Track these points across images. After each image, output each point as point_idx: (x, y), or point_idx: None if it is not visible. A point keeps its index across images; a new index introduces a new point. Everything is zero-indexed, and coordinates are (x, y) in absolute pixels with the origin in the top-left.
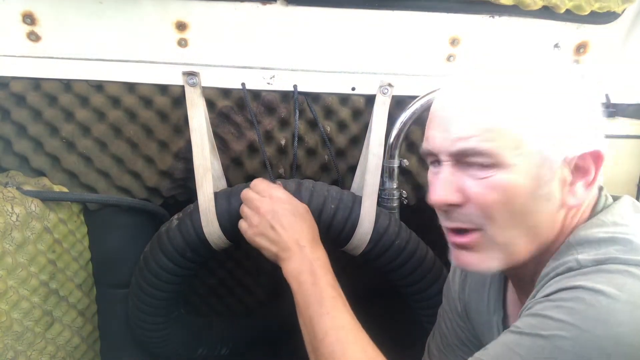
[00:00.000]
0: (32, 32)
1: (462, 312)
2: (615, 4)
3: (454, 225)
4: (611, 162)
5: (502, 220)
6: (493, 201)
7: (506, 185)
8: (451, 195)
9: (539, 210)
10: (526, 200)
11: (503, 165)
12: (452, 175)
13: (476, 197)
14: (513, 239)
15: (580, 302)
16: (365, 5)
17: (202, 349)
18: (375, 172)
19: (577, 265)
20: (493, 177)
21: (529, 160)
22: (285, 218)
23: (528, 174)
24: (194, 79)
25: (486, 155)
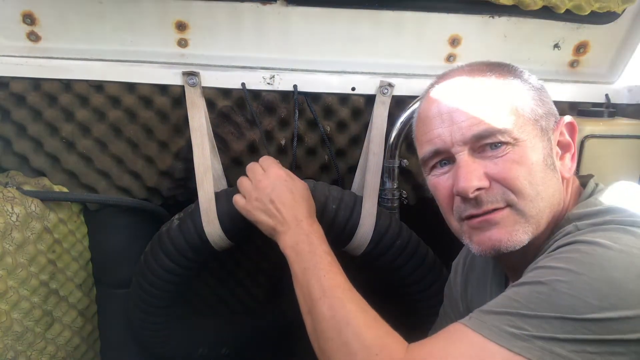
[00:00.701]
0: (32, 32)
1: (463, 311)
2: (615, 4)
3: (484, 209)
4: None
5: (529, 192)
6: (517, 174)
7: (523, 157)
8: (479, 179)
9: (551, 179)
10: (542, 170)
11: (514, 141)
12: (473, 162)
13: (501, 174)
14: (541, 209)
15: (577, 252)
16: (365, 5)
17: (202, 349)
18: (375, 172)
19: (575, 229)
20: (510, 153)
21: (533, 134)
22: (284, 194)
23: (535, 146)
24: (194, 79)
25: (499, 132)
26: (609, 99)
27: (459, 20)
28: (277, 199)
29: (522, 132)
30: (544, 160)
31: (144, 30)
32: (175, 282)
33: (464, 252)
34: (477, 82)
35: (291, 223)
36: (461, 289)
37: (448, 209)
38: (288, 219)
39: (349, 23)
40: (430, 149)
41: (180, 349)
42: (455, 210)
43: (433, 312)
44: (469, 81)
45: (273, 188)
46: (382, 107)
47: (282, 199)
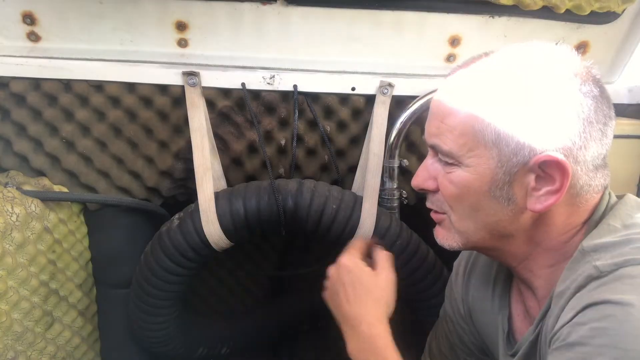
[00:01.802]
0: (32, 32)
1: (465, 313)
2: (615, 4)
3: (430, 207)
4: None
5: (459, 211)
6: (451, 194)
7: (461, 182)
8: (426, 182)
9: (495, 209)
10: (480, 199)
11: (459, 164)
12: (431, 165)
13: (441, 188)
14: (469, 229)
15: (613, 320)
16: (365, 5)
17: (202, 349)
18: (375, 172)
19: (597, 272)
20: (453, 173)
21: (484, 163)
22: (348, 287)
23: (482, 175)
24: (194, 79)
25: (445, 153)
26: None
27: (459, 20)
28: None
29: (470, 158)
30: (490, 191)
31: (144, 30)
32: (175, 282)
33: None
34: (451, 96)
35: (350, 321)
36: (462, 291)
37: None
38: (347, 316)
39: (349, 23)
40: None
41: (180, 349)
42: None
43: (433, 313)
44: (447, 92)
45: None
46: (382, 107)
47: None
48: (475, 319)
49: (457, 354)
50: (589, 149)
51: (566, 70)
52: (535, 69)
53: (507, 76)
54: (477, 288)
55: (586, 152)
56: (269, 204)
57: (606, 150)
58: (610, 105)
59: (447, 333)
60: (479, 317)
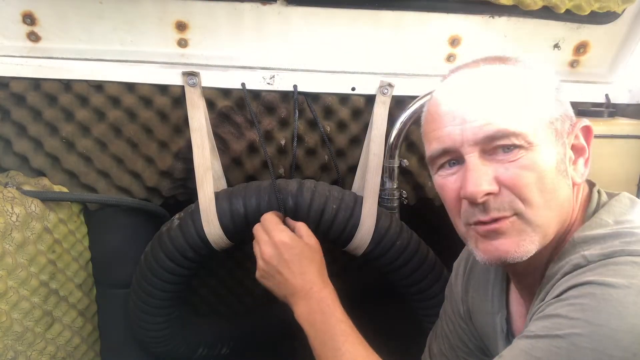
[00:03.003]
0: (32, 32)
1: (464, 314)
2: (615, 4)
3: (491, 217)
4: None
5: (538, 200)
6: (528, 181)
7: (536, 163)
8: (489, 184)
9: (562, 187)
10: (554, 177)
11: (527, 145)
12: (483, 165)
13: (511, 181)
14: (549, 219)
15: (591, 298)
16: (365, 5)
17: (202, 349)
18: (375, 172)
19: (585, 262)
20: (523, 158)
21: (547, 138)
22: (290, 262)
23: (549, 151)
24: (194, 79)
25: (513, 135)
26: (609, 99)
27: (459, 20)
28: (283, 268)
29: (537, 136)
30: (557, 167)
31: (144, 30)
32: (175, 282)
33: (465, 253)
34: (494, 76)
35: (300, 292)
36: (462, 291)
37: (455, 212)
38: (297, 288)
39: (349, 23)
40: (438, 147)
41: (180, 349)
42: (462, 214)
43: (433, 313)
44: (484, 75)
45: (278, 258)
46: (382, 107)
47: (288, 267)
48: (474, 319)
49: (457, 354)
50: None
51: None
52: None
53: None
54: (476, 289)
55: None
56: (270, 204)
57: None
58: None
59: (448, 333)
60: (478, 318)
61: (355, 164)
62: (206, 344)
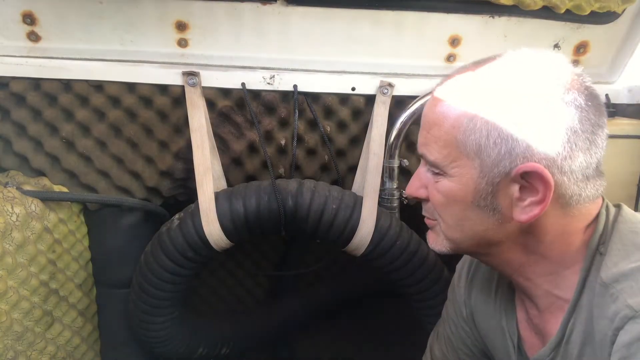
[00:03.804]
0: (32, 32)
1: (467, 316)
2: (615, 4)
3: (424, 214)
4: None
5: (447, 219)
6: (439, 203)
7: (447, 191)
8: (417, 190)
9: (481, 219)
10: (465, 208)
11: (444, 174)
12: (423, 174)
13: (430, 197)
14: (457, 237)
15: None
16: (365, 5)
17: (202, 349)
18: (375, 172)
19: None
20: (439, 183)
21: (467, 173)
22: None
23: (466, 186)
24: (194, 79)
25: (431, 163)
26: (609, 99)
27: (459, 20)
28: None
29: (454, 168)
30: (474, 201)
31: (144, 30)
32: (175, 282)
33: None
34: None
35: None
36: (465, 293)
37: None
38: None
39: (349, 23)
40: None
41: (180, 348)
42: None
43: (434, 313)
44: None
45: None
46: (382, 107)
47: None
48: (477, 322)
49: (459, 355)
50: (575, 159)
51: (549, 80)
52: (516, 81)
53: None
54: (479, 292)
55: (572, 162)
56: (269, 204)
57: (597, 160)
58: (601, 113)
59: (450, 335)
60: (481, 320)
61: (355, 164)
62: (206, 344)
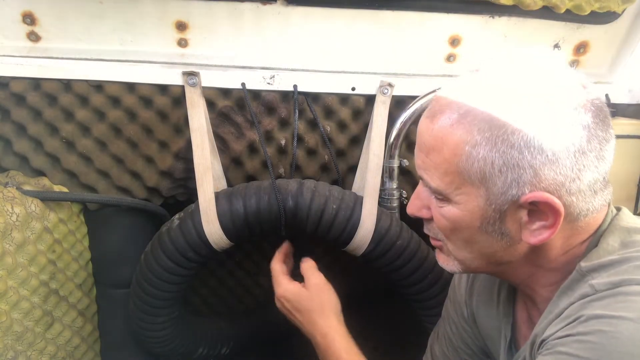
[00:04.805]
0: (32, 32)
1: (468, 317)
2: (615, 4)
3: (427, 233)
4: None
5: (454, 242)
6: (445, 227)
7: (452, 217)
8: (420, 210)
9: (490, 242)
10: (473, 233)
11: (448, 200)
12: (423, 193)
13: (435, 220)
14: (466, 258)
15: (602, 335)
16: (365, 5)
17: (202, 349)
18: (376, 172)
19: (592, 291)
20: (443, 208)
21: (472, 201)
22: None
23: (472, 212)
24: (194, 79)
25: (433, 190)
26: (609, 99)
27: (459, 20)
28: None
29: (459, 195)
30: (481, 227)
31: (144, 30)
32: (175, 282)
33: None
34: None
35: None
36: (466, 294)
37: None
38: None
39: (349, 23)
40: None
41: (180, 349)
42: None
43: (434, 313)
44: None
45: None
46: (382, 107)
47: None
48: (479, 322)
49: (460, 355)
50: (584, 179)
51: (554, 102)
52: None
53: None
54: (481, 292)
55: (580, 183)
56: (270, 204)
57: (605, 172)
58: (607, 126)
59: (450, 335)
60: (482, 321)
61: (355, 164)
62: (206, 344)
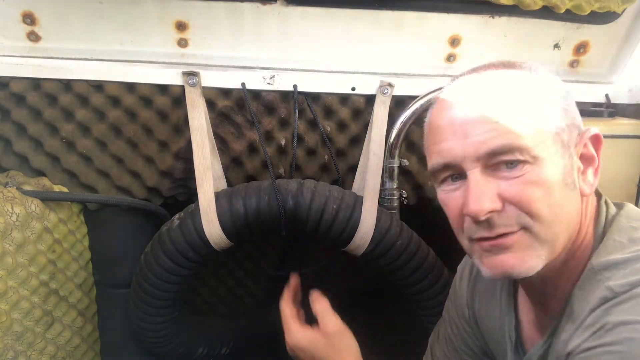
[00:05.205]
0: (32, 32)
1: (470, 318)
2: (615, 4)
3: (497, 232)
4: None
5: (546, 215)
6: (534, 197)
7: (543, 178)
8: (492, 201)
9: (571, 200)
10: (561, 190)
11: (533, 160)
12: (485, 182)
13: (517, 197)
14: (557, 233)
15: (631, 343)
16: (365, 5)
17: (202, 349)
18: (376, 172)
19: (611, 294)
20: (528, 173)
21: (554, 152)
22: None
23: (556, 165)
24: (194, 79)
25: (517, 150)
26: (609, 99)
27: (459, 20)
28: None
29: (543, 149)
30: (564, 180)
31: (143, 30)
32: (175, 281)
33: None
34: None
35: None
36: (468, 296)
37: (458, 228)
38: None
39: (349, 23)
40: (439, 161)
41: (180, 348)
42: (465, 230)
43: (434, 313)
44: (487, 84)
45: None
46: (382, 107)
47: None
48: (480, 323)
49: (461, 356)
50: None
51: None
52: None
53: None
54: (483, 293)
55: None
56: (270, 204)
57: None
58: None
59: (451, 336)
60: (484, 322)
61: (355, 164)
62: (206, 344)
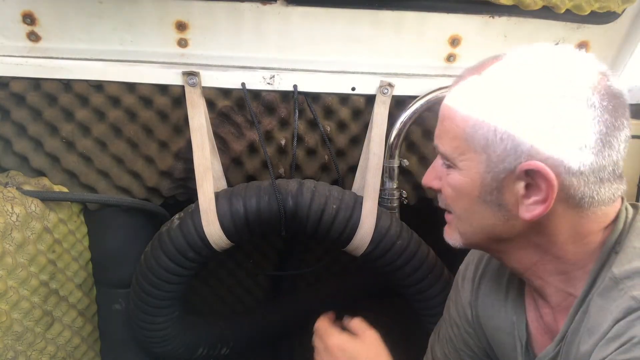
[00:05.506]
0: (32, 32)
1: (472, 318)
2: (615, 4)
3: (440, 206)
4: None
5: (457, 212)
6: (448, 195)
7: (456, 184)
8: (432, 181)
9: (488, 214)
10: (472, 202)
11: (455, 166)
12: (439, 166)
13: (442, 188)
14: (467, 230)
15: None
16: (365, 5)
17: (202, 349)
18: (376, 172)
19: (637, 304)
20: (449, 175)
21: (474, 167)
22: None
23: (473, 180)
24: (194, 79)
25: (441, 155)
26: None
27: (459, 20)
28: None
29: (463, 161)
30: (480, 196)
31: (144, 30)
32: (175, 282)
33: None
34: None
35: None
36: (471, 296)
37: None
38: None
39: (349, 23)
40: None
41: (180, 349)
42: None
43: (434, 313)
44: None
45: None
46: (382, 107)
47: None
48: (484, 323)
49: (461, 356)
50: (586, 160)
51: (559, 79)
52: (525, 80)
53: (499, 85)
54: (487, 294)
55: (581, 164)
56: (270, 204)
57: (613, 162)
58: (619, 115)
59: (452, 336)
60: (488, 323)
61: (355, 164)
62: (206, 344)
